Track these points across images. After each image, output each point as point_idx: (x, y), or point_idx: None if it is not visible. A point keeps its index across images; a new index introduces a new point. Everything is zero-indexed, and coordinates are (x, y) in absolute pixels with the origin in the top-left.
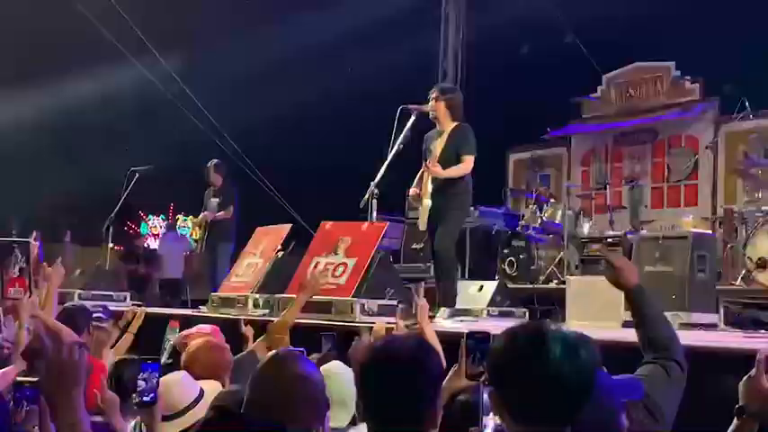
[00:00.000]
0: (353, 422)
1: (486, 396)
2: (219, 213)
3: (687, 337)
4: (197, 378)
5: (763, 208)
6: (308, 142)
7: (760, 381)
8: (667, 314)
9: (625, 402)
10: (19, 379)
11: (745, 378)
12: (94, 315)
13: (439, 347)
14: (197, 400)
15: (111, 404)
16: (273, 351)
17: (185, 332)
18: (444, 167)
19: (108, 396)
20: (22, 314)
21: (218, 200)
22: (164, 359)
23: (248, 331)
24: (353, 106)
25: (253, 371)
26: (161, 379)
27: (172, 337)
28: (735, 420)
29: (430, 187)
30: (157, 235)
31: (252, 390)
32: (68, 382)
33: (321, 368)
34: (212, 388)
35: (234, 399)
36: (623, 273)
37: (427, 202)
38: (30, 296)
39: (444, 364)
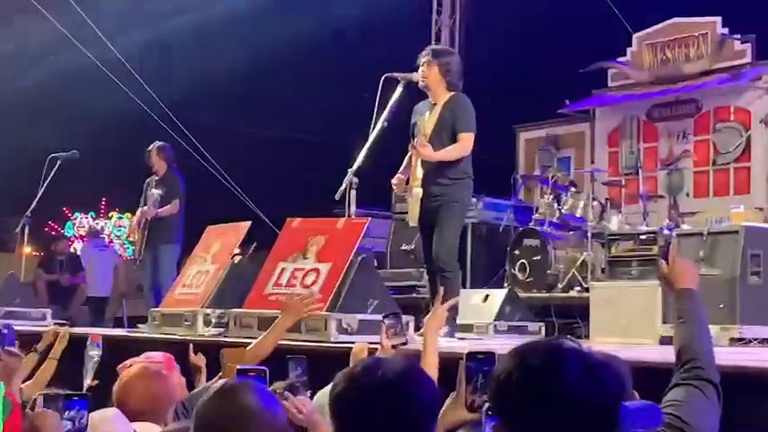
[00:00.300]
0: None
1: (489, 430)
2: (163, 208)
3: (737, 356)
4: (132, 415)
5: None
6: (271, 120)
7: None
8: (714, 327)
9: None
10: None
11: None
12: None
13: (435, 373)
14: None
15: None
16: (221, 381)
17: (130, 361)
18: (437, 148)
19: None
20: None
21: (160, 191)
22: (87, 381)
23: (199, 360)
24: (326, 75)
25: (197, 406)
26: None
27: (94, 353)
28: None
29: (420, 173)
30: (82, 238)
31: (196, 428)
32: None
33: (317, 396)
34: (147, 430)
35: None
36: (682, 273)
37: (418, 191)
38: None
39: (440, 393)
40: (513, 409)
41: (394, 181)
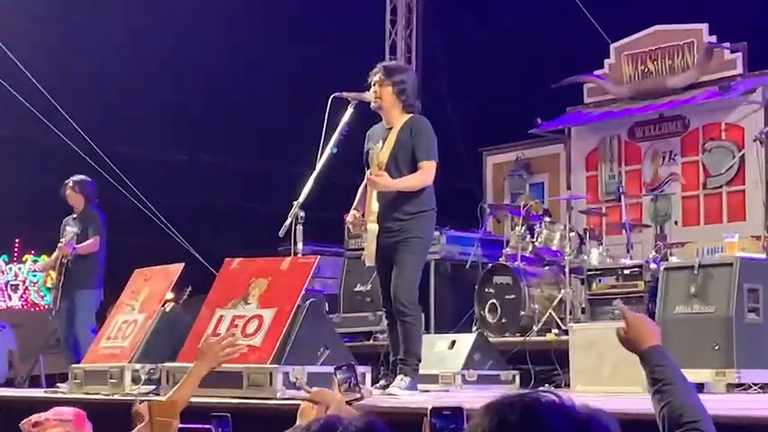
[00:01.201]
0: None
1: None
2: (80, 245)
3: (736, 404)
4: None
5: None
6: (205, 147)
7: None
8: (708, 372)
9: None
10: None
11: None
12: None
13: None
14: None
15: None
16: None
17: (36, 417)
18: (394, 177)
19: None
20: None
21: (76, 230)
22: None
23: (143, 409)
24: (269, 94)
25: None
26: None
27: None
28: None
29: (376, 207)
30: None
31: None
32: None
33: None
34: None
35: None
36: (639, 332)
37: (374, 227)
38: None
39: None
40: None
41: (348, 218)
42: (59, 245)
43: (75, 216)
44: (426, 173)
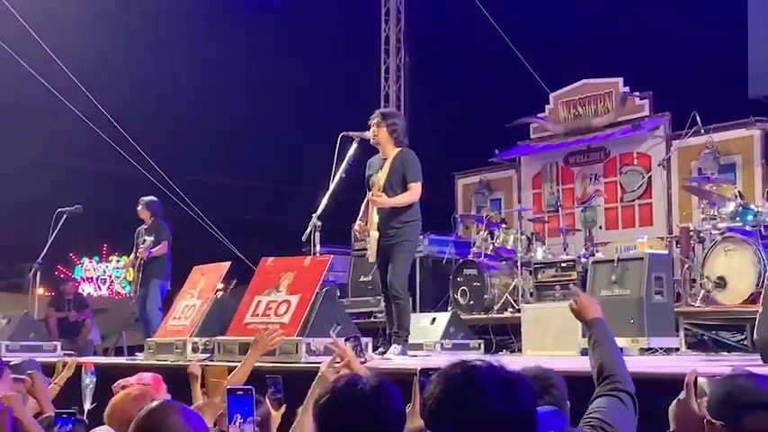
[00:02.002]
0: None
1: None
2: (155, 248)
3: (645, 363)
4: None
5: (720, 225)
6: (246, 173)
7: (689, 404)
8: (626, 339)
9: None
10: None
11: (674, 402)
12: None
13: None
14: None
15: None
16: (153, 403)
17: (123, 381)
18: (389, 196)
19: None
20: None
21: (151, 237)
22: (86, 405)
23: (195, 369)
24: (291, 133)
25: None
26: None
27: (89, 380)
28: None
29: (376, 218)
30: (92, 279)
31: None
32: None
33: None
34: None
35: None
36: (586, 307)
37: (375, 234)
38: None
39: None
40: (442, 424)
41: (355, 227)
42: (138, 249)
43: (146, 227)
44: (414, 192)
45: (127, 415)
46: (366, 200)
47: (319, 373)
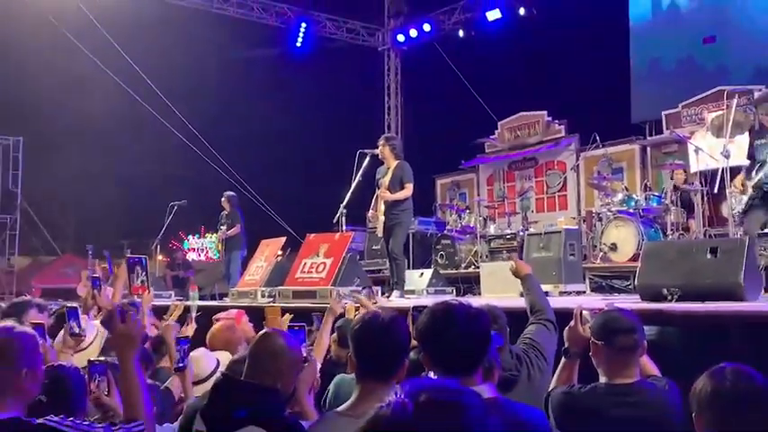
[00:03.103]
0: None
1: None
2: (230, 231)
3: (560, 301)
4: (215, 349)
5: (613, 209)
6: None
7: (576, 328)
8: (550, 285)
9: (497, 348)
10: (91, 358)
11: (567, 328)
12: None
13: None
14: (215, 370)
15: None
16: (265, 330)
17: (218, 315)
18: (391, 193)
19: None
20: (144, 308)
21: (229, 221)
22: (193, 313)
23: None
24: (327, 153)
25: (250, 346)
26: (191, 354)
27: (193, 295)
28: (562, 359)
29: (382, 208)
30: (194, 249)
31: (249, 359)
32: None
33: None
34: (225, 357)
35: (240, 367)
36: (520, 268)
37: (382, 217)
38: (149, 293)
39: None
40: (429, 343)
41: (369, 214)
42: (220, 230)
43: (226, 213)
44: (407, 190)
45: (221, 338)
46: (376, 195)
47: (329, 306)
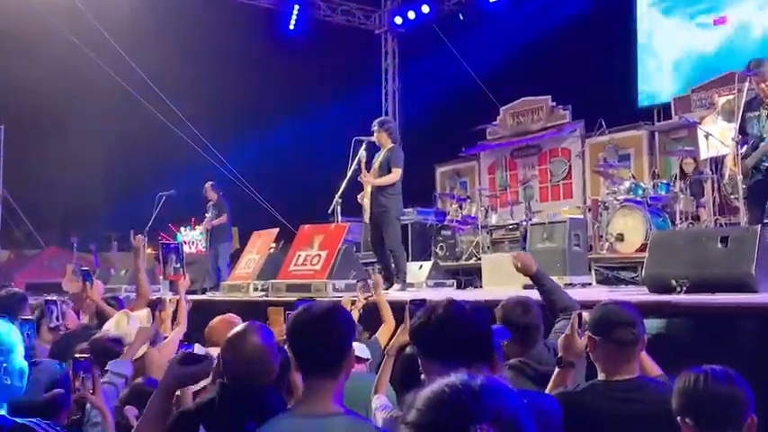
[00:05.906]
0: None
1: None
2: (216, 220)
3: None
4: (213, 343)
5: (619, 197)
6: (293, 169)
7: (573, 338)
8: (554, 277)
9: (500, 342)
10: (76, 355)
11: (562, 336)
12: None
13: (389, 312)
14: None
15: None
16: (243, 324)
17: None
18: (381, 175)
19: None
20: (181, 291)
21: (215, 212)
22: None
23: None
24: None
25: (226, 340)
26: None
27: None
28: (556, 369)
29: (369, 190)
30: (186, 242)
31: (239, 364)
32: None
33: None
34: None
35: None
36: (527, 264)
37: (366, 200)
38: (185, 279)
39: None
40: (425, 341)
41: (358, 197)
42: (206, 220)
43: (213, 203)
44: (394, 174)
45: (221, 332)
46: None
47: (342, 301)
